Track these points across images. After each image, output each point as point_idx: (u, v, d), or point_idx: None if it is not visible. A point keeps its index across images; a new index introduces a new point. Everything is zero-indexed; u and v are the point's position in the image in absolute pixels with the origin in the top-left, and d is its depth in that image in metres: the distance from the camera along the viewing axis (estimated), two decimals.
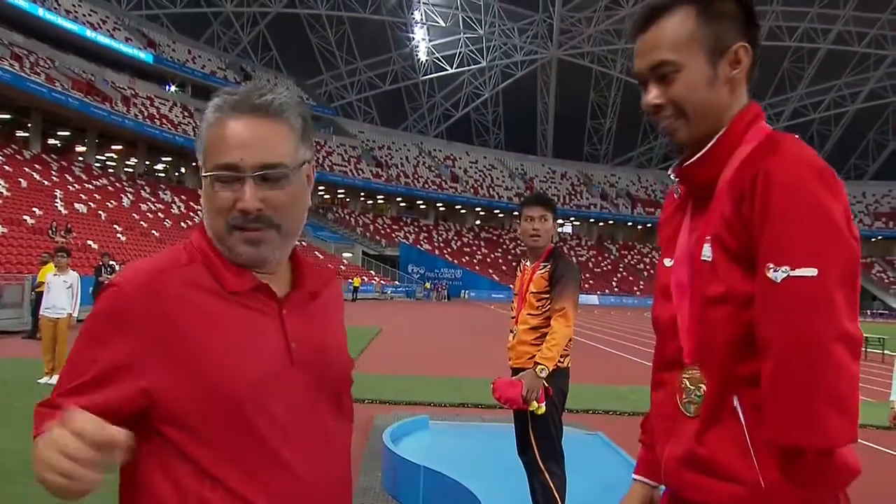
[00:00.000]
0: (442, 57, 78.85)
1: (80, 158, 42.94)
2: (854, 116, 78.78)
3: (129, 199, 38.00)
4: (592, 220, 74.20)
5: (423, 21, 75.52)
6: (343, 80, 76.62)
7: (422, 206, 69.73)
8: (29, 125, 40.10)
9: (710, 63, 1.34)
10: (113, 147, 47.14)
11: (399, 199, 68.11)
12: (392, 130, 74.93)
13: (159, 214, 38.55)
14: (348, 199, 65.31)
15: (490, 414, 8.10)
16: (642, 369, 14.10)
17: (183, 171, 53.12)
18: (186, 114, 52.50)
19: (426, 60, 78.73)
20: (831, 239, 1.20)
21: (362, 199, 65.84)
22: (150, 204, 39.66)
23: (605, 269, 67.31)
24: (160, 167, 52.79)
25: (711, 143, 1.36)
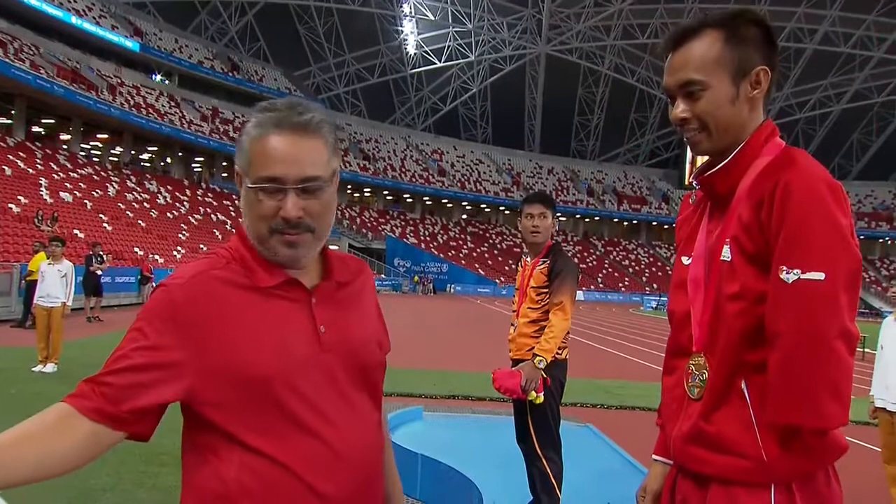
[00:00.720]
0: (430, 50, 78.78)
1: (65, 147, 42.57)
2: (839, 117, 79.54)
3: (114, 188, 37.75)
4: (578, 216, 74.46)
5: (412, 14, 75.40)
6: (331, 72, 76.39)
7: (408, 200, 69.73)
8: (13, 112, 39.70)
9: (734, 84, 1.49)
10: (98, 136, 46.74)
11: (386, 193, 68.08)
12: (380, 123, 74.82)
13: (145, 204, 38.33)
14: None
15: (481, 406, 8.22)
16: (627, 364, 14.28)
17: (169, 160, 52.80)
18: (173, 103, 52.17)
19: (415, 54, 78.65)
20: (839, 247, 1.36)
21: (349, 191, 65.75)
22: (135, 193, 39.43)
23: (590, 265, 67.59)
24: (146, 157, 52.40)
25: (732, 156, 1.51)
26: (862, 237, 71.47)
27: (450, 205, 71.38)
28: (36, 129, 43.27)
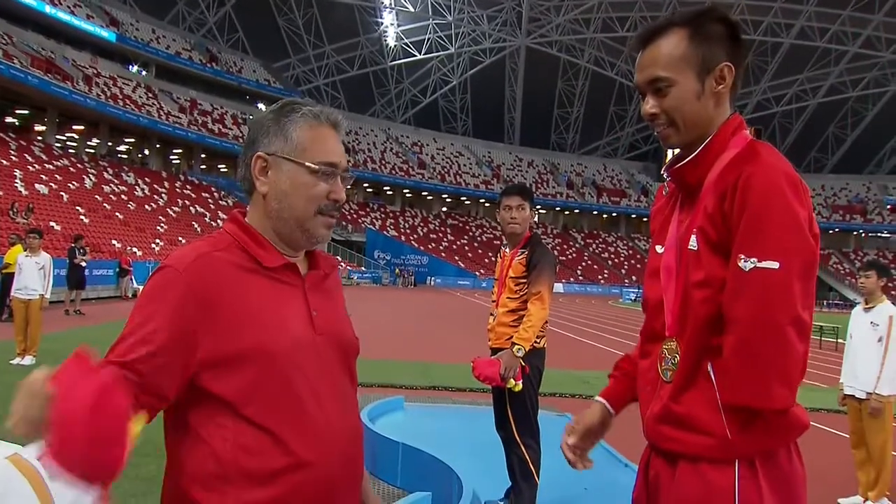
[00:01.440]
0: (410, 42, 78.54)
1: (40, 138, 41.96)
2: (814, 111, 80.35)
3: (91, 180, 37.32)
4: (558, 209, 74.72)
5: (392, 6, 75.07)
6: (310, 63, 75.91)
7: (389, 193, 69.61)
8: None
9: (699, 80, 1.56)
10: (74, 127, 46.11)
11: (366, 185, 67.88)
12: (359, 116, 74.51)
13: (122, 196, 37.94)
14: None
15: (461, 396, 8.30)
16: (606, 355, 14.42)
17: (146, 152, 52.24)
18: (150, 94, 51.59)
19: (395, 46, 78.36)
20: (795, 238, 1.43)
21: None
22: (113, 186, 38.99)
23: (570, 257, 67.92)
24: (123, 148, 51.81)
25: (700, 149, 1.58)
26: (836, 229, 72.56)
27: (430, 197, 71.34)
28: (9, 119, 42.65)
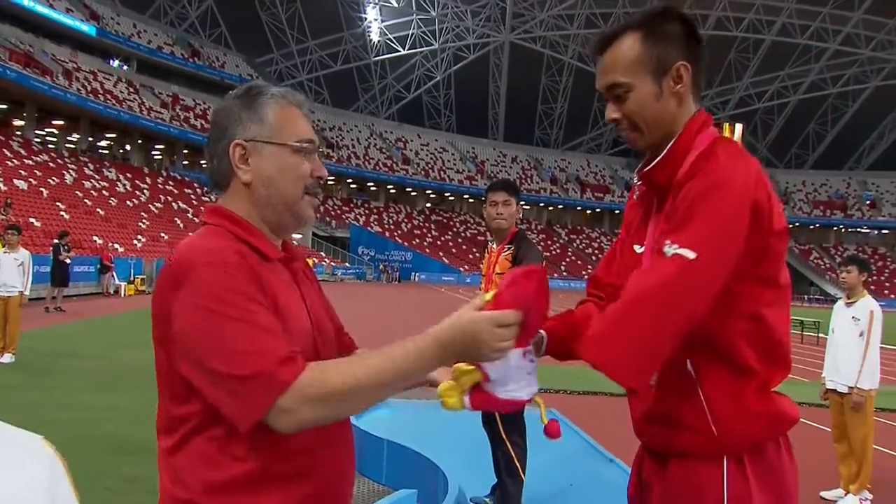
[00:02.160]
0: (394, 38, 78.30)
1: (19, 133, 41.48)
2: (796, 107, 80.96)
3: (71, 175, 36.93)
4: (542, 205, 74.86)
5: (376, 1, 74.80)
6: (294, 59, 75.51)
7: (372, 188, 69.42)
8: None
9: (656, 81, 1.54)
10: (54, 122, 45.61)
11: (349, 181, 67.68)
12: (343, 111, 74.23)
13: (104, 192, 37.58)
14: None
15: None
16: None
17: (128, 148, 51.74)
18: (132, 89, 51.11)
19: (378, 41, 78.10)
20: (720, 238, 1.40)
21: None
22: (93, 181, 38.61)
23: (553, 252, 68.09)
24: (104, 144, 51.30)
25: (666, 151, 1.56)
26: (817, 225, 73.27)
27: (414, 193, 71.24)
28: None
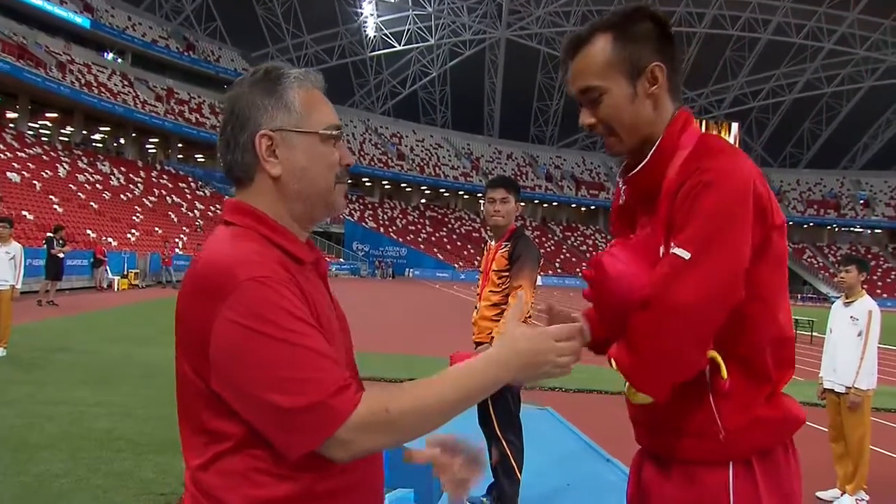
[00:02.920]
0: (390, 33, 78.09)
1: (12, 125, 41.28)
2: (791, 106, 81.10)
3: (65, 169, 36.75)
4: (537, 202, 74.88)
5: None
6: (289, 53, 75.20)
7: (367, 184, 69.32)
8: None
9: (630, 83, 1.49)
10: (47, 114, 45.38)
11: None
12: (338, 107, 73.90)
13: (97, 186, 37.40)
14: None
15: None
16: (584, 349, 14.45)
17: (122, 141, 51.53)
18: (126, 83, 50.88)
19: (374, 36, 77.90)
20: (716, 238, 1.36)
21: None
22: (87, 175, 38.42)
23: (548, 249, 68.13)
24: (98, 137, 51.08)
25: (651, 154, 1.51)
26: (811, 224, 73.48)
27: (409, 189, 71.18)
28: None
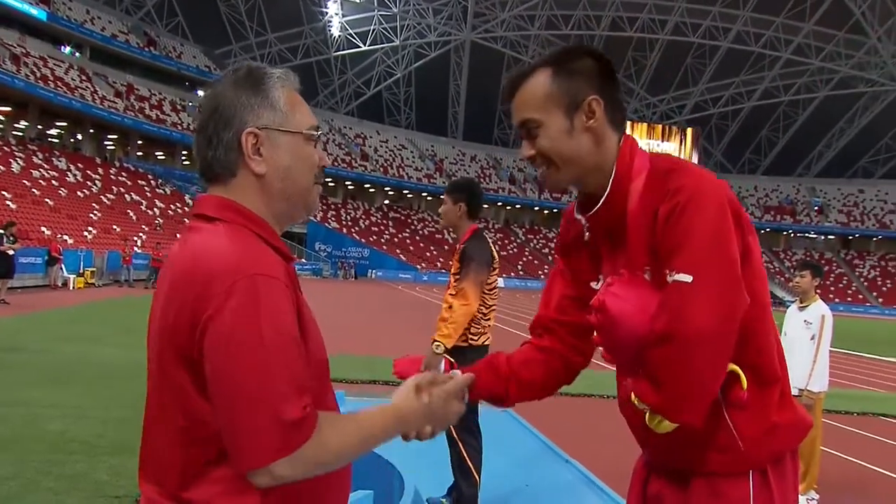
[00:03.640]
0: (355, 33, 77.73)
1: None
2: (749, 113, 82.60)
3: (18, 164, 35.84)
4: (500, 204, 75.14)
5: None
6: (253, 51, 74.40)
7: (330, 184, 68.82)
8: None
9: (567, 116, 1.51)
10: (1, 108, 44.26)
11: None
12: None
13: (53, 182, 36.55)
14: None
15: None
16: None
17: (80, 137, 50.44)
18: (84, 77, 49.79)
19: (339, 36, 77.45)
20: (712, 254, 1.38)
21: None
22: (42, 171, 37.52)
23: (511, 252, 68.43)
24: (54, 132, 49.93)
25: (609, 189, 1.53)
26: (767, 229, 74.93)
27: (372, 190, 70.93)
28: None
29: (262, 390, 1.14)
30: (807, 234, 77.01)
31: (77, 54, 52.23)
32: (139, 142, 53.76)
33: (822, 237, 76.97)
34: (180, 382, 1.21)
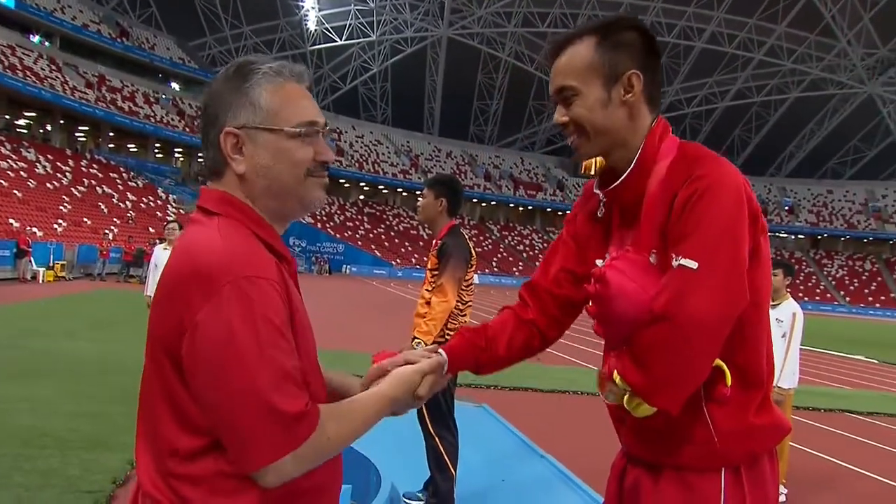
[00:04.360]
0: (331, 28, 77.29)
1: None
2: (722, 114, 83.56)
3: None
4: (475, 200, 75.24)
5: None
6: (227, 44, 73.72)
7: None
8: None
9: (605, 88, 1.53)
10: None
11: None
12: None
13: (22, 174, 35.91)
14: None
15: None
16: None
17: (49, 128, 49.61)
18: (54, 67, 48.94)
19: (315, 30, 76.97)
20: (721, 244, 1.39)
21: None
22: (10, 162, 36.84)
23: (485, 248, 68.57)
24: (23, 123, 49.02)
25: (633, 166, 1.54)
26: None
27: (347, 185, 70.65)
28: None
29: (261, 390, 1.16)
30: (778, 234, 78.09)
31: (47, 43, 51.26)
32: (111, 133, 52.97)
33: (793, 237, 78.13)
34: (166, 373, 1.23)
